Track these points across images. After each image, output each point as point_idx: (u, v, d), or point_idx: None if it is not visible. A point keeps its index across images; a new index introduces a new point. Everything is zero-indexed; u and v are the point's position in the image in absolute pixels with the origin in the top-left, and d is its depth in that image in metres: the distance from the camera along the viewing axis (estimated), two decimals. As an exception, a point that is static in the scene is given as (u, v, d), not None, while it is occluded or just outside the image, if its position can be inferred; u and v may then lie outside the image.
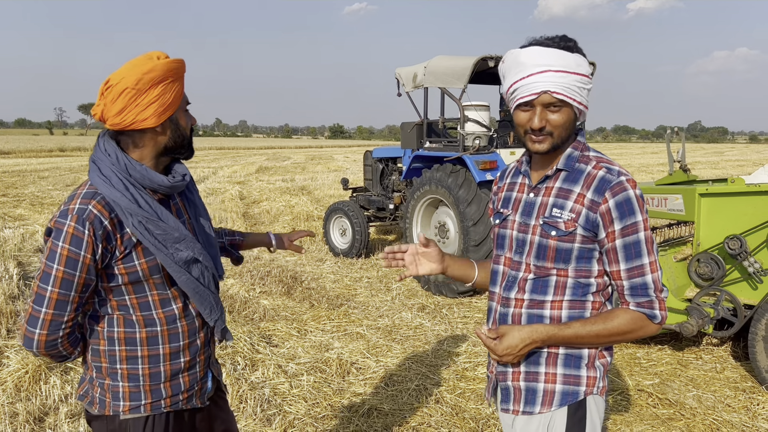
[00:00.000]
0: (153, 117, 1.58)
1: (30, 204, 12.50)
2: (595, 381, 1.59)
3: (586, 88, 1.53)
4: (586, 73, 1.52)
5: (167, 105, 1.59)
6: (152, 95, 1.56)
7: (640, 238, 1.50)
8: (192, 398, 1.78)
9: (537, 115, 1.52)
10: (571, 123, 1.55)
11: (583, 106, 1.54)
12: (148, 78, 1.54)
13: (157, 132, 1.62)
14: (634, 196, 1.49)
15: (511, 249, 1.66)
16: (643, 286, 1.51)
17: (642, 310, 1.52)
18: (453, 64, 6.23)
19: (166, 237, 1.60)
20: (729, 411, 3.72)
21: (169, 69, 1.57)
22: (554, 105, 1.51)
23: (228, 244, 2.17)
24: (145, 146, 1.63)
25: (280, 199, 13.17)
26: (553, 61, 1.48)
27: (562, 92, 1.49)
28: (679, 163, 5.18)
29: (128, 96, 1.54)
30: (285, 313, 5.62)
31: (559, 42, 1.52)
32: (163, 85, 1.57)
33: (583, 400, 1.59)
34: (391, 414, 3.66)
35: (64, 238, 1.50)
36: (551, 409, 1.59)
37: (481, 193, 5.91)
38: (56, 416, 3.53)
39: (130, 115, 1.56)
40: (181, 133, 1.67)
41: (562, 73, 1.48)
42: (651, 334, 1.56)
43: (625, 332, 1.53)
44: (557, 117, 1.52)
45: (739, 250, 4.10)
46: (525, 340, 1.55)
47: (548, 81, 1.48)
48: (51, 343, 1.56)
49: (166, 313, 1.69)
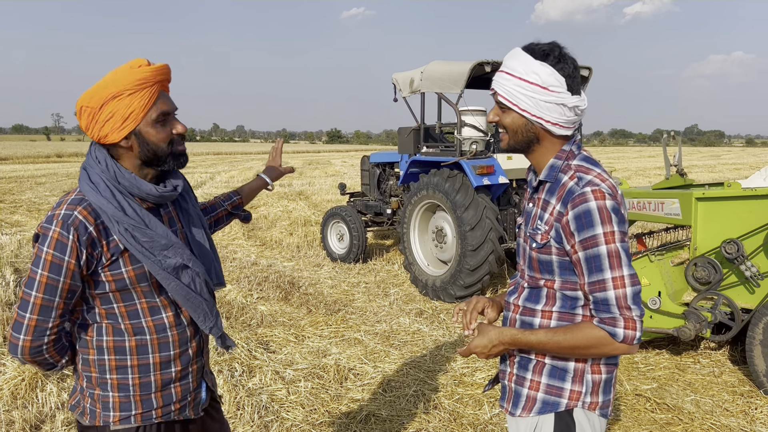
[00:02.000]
0: (112, 133, 1.56)
1: (27, 210, 12.48)
2: (579, 395, 1.58)
3: (537, 98, 1.51)
4: (538, 82, 1.50)
5: (125, 119, 1.55)
6: (107, 112, 1.55)
7: (601, 252, 1.44)
8: (185, 409, 1.76)
9: (492, 110, 1.62)
10: (521, 129, 1.57)
11: (532, 114, 1.53)
12: (101, 95, 1.54)
13: (124, 146, 1.60)
14: (596, 208, 1.43)
15: (521, 257, 1.72)
16: (605, 301, 1.46)
17: (603, 326, 1.46)
18: (449, 69, 6.25)
19: (153, 244, 1.58)
20: (727, 415, 3.72)
21: (126, 82, 1.54)
22: (501, 105, 1.59)
23: (231, 209, 2.14)
24: (122, 158, 1.62)
25: (277, 204, 13.16)
26: (510, 63, 1.55)
27: (503, 94, 1.56)
28: (676, 167, 5.19)
29: (87, 114, 1.57)
30: (282, 318, 5.61)
31: (533, 47, 1.54)
32: (117, 101, 1.54)
33: (569, 412, 1.59)
34: (389, 420, 3.64)
35: (48, 244, 1.50)
36: (529, 414, 1.63)
37: (478, 197, 5.91)
38: (52, 424, 3.51)
39: (94, 132, 1.58)
40: (149, 147, 1.60)
41: (508, 75, 1.54)
42: (621, 353, 1.49)
43: (586, 347, 1.49)
44: (505, 117, 1.59)
45: (736, 254, 4.11)
46: (492, 341, 1.60)
47: (498, 81, 1.57)
48: (36, 349, 1.55)
49: (156, 321, 1.67)
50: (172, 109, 1.65)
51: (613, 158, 40.26)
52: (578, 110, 1.55)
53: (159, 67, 1.61)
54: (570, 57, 1.54)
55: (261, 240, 9.69)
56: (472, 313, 1.77)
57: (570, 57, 1.54)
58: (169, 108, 1.64)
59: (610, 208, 1.45)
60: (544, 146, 1.59)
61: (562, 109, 1.52)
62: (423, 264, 6.72)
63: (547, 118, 1.53)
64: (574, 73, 1.53)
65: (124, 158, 1.62)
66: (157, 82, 1.60)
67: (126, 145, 1.60)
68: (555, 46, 1.53)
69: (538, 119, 1.53)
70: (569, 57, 1.53)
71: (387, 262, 8.09)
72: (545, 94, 1.50)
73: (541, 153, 1.61)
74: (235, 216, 2.18)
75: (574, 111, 1.54)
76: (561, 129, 1.55)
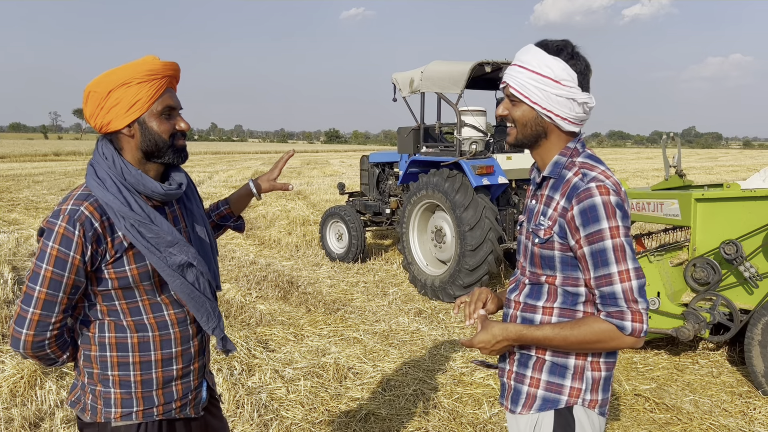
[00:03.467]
0: (117, 119, 1.58)
1: (24, 208, 12.45)
2: (579, 392, 1.59)
3: (549, 91, 1.53)
4: (551, 75, 1.52)
5: (131, 106, 1.57)
6: (114, 98, 1.56)
7: (607, 246, 1.46)
8: (185, 407, 1.76)
9: (502, 103, 1.62)
10: (531, 122, 1.58)
11: (542, 107, 1.55)
12: (110, 81, 1.56)
13: (126, 134, 1.61)
14: (601, 203, 1.45)
15: (522, 254, 1.72)
16: (612, 295, 1.47)
17: (611, 320, 1.47)
18: (449, 69, 6.25)
19: (159, 240, 1.59)
20: (725, 416, 3.73)
21: (135, 71, 1.56)
22: (512, 98, 1.59)
23: (218, 219, 2.08)
24: (123, 149, 1.63)
25: (275, 203, 13.16)
26: (523, 57, 1.56)
27: (515, 87, 1.57)
28: (675, 168, 5.21)
29: (93, 99, 1.58)
30: (281, 318, 5.60)
31: (547, 42, 1.56)
32: (125, 88, 1.56)
33: (569, 409, 1.60)
34: (388, 419, 3.65)
35: (54, 238, 1.51)
36: (530, 411, 1.63)
37: (477, 197, 5.92)
38: (52, 422, 3.51)
39: (98, 119, 1.59)
40: (151, 136, 1.61)
41: (520, 68, 1.56)
42: (628, 347, 1.50)
43: (594, 341, 1.49)
44: (515, 111, 1.60)
45: (734, 255, 4.12)
46: (497, 336, 1.59)
47: (510, 74, 1.58)
48: (38, 344, 1.56)
49: (158, 318, 1.67)
50: (177, 105, 1.67)
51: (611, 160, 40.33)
52: (587, 107, 1.57)
53: (169, 63, 1.63)
54: (582, 55, 1.57)
55: (260, 239, 9.68)
56: (476, 303, 1.76)
57: (582, 55, 1.57)
58: (174, 103, 1.66)
59: (615, 203, 1.47)
60: (551, 141, 1.60)
61: (572, 104, 1.54)
62: (422, 264, 6.73)
63: (557, 112, 1.54)
64: (586, 71, 1.57)
65: (126, 149, 1.63)
66: (167, 77, 1.61)
67: (128, 134, 1.61)
68: (568, 43, 1.56)
69: (548, 113, 1.55)
70: (581, 55, 1.56)
71: (386, 261, 8.09)
72: (557, 88, 1.52)
73: (546, 149, 1.62)
74: (225, 227, 2.11)
75: (583, 107, 1.56)
76: (569, 124, 1.57)
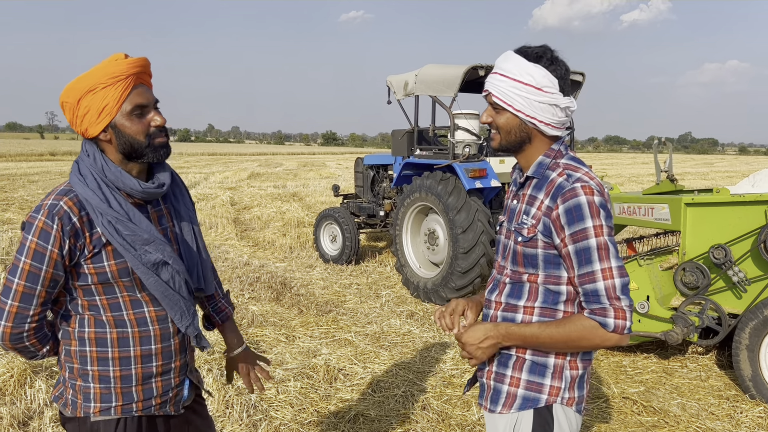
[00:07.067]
0: (91, 127, 1.59)
1: (19, 208, 12.42)
2: (558, 391, 1.61)
3: (532, 98, 1.55)
4: (532, 83, 1.54)
5: (100, 113, 1.57)
6: (84, 106, 1.58)
7: (591, 245, 1.48)
8: (165, 405, 1.76)
9: (485, 111, 1.65)
10: (515, 129, 1.61)
11: (526, 115, 1.57)
12: (77, 90, 1.57)
13: (103, 140, 1.62)
14: (586, 203, 1.49)
15: (501, 254, 1.73)
16: (595, 292, 1.50)
17: (594, 317, 1.50)
18: (444, 72, 6.28)
19: (135, 238, 1.60)
20: (713, 419, 3.75)
21: (99, 76, 1.56)
22: (495, 106, 1.62)
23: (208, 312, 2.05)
24: (106, 152, 1.64)
25: (271, 205, 13.15)
26: (504, 65, 1.58)
27: (498, 96, 1.59)
28: (667, 173, 5.24)
29: (68, 109, 1.61)
30: (273, 319, 5.61)
31: (526, 49, 1.57)
32: (92, 95, 1.56)
33: (548, 408, 1.62)
34: (377, 420, 3.66)
35: (33, 232, 1.53)
36: (510, 411, 1.65)
37: (470, 200, 5.94)
38: (41, 421, 3.51)
39: (77, 126, 1.61)
40: (126, 139, 1.60)
41: (502, 77, 1.58)
42: (613, 344, 1.52)
43: (578, 338, 1.51)
44: (499, 118, 1.62)
45: (723, 260, 4.15)
46: (487, 332, 1.61)
47: (492, 83, 1.60)
48: (16, 336, 1.58)
49: (137, 315, 1.68)
50: (149, 101, 1.64)
51: (606, 164, 40.43)
52: (569, 111, 1.60)
53: (133, 60, 1.61)
54: (561, 60, 1.58)
55: (254, 240, 9.68)
56: (452, 315, 1.76)
57: (561, 60, 1.58)
58: (145, 100, 1.62)
59: (599, 203, 1.50)
60: (535, 146, 1.63)
61: (554, 110, 1.57)
62: (415, 266, 6.74)
63: (541, 118, 1.57)
64: (566, 75, 1.59)
65: (108, 152, 1.65)
66: (132, 75, 1.59)
67: (105, 139, 1.62)
68: (547, 49, 1.58)
69: (531, 119, 1.57)
70: (560, 60, 1.58)
71: (379, 263, 8.10)
72: (539, 95, 1.54)
73: (530, 152, 1.64)
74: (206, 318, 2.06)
75: (565, 112, 1.59)
76: (553, 129, 1.60)
